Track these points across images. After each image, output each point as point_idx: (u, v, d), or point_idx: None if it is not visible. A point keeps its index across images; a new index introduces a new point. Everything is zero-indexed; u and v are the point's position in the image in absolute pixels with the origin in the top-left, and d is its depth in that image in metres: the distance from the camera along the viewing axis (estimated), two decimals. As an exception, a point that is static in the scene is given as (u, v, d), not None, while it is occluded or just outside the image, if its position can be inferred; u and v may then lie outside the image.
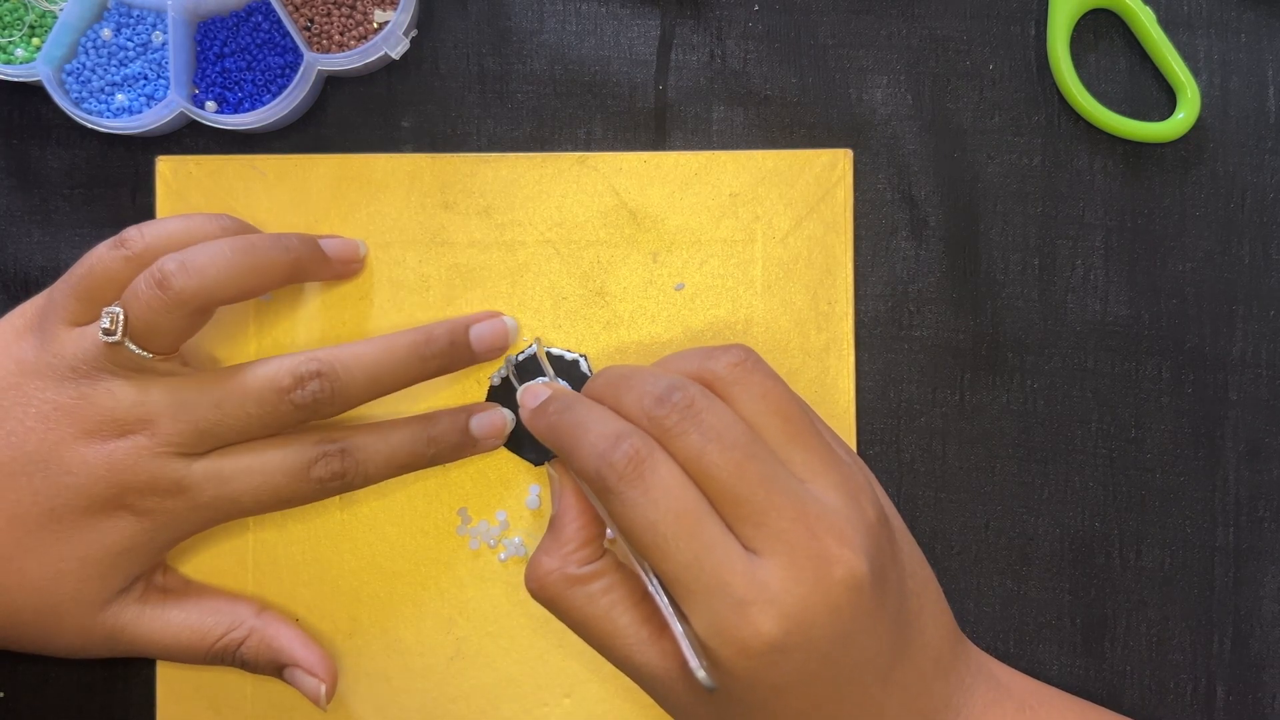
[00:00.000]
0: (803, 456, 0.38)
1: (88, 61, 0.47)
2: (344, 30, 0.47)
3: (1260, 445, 0.48)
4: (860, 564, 0.36)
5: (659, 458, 0.37)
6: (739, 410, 0.38)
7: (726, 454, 0.36)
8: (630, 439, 0.37)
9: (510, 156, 0.48)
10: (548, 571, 0.40)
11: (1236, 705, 0.48)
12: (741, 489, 0.36)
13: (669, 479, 0.36)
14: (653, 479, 0.36)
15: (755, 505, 0.36)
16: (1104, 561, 0.48)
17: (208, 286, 0.41)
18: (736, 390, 0.38)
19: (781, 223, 0.48)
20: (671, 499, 0.36)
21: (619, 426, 0.37)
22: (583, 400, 0.40)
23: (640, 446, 0.37)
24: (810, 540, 0.36)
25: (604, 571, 0.40)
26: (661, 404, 0.37)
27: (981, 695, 0.42)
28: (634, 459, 0.36)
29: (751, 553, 0.36)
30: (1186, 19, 0.49)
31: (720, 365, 0.39)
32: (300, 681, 0.45)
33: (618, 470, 0.36)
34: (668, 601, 0.37)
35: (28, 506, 0.42)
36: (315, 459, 0.43)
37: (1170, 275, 0.48)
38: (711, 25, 0.49)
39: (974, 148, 0.49)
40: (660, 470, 0.36)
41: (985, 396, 0.48)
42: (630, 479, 0.36)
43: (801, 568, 0.36)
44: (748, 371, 0.39)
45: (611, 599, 0.39)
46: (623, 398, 0.38)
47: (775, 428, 0.38)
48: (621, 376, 0.39)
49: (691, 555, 0.36)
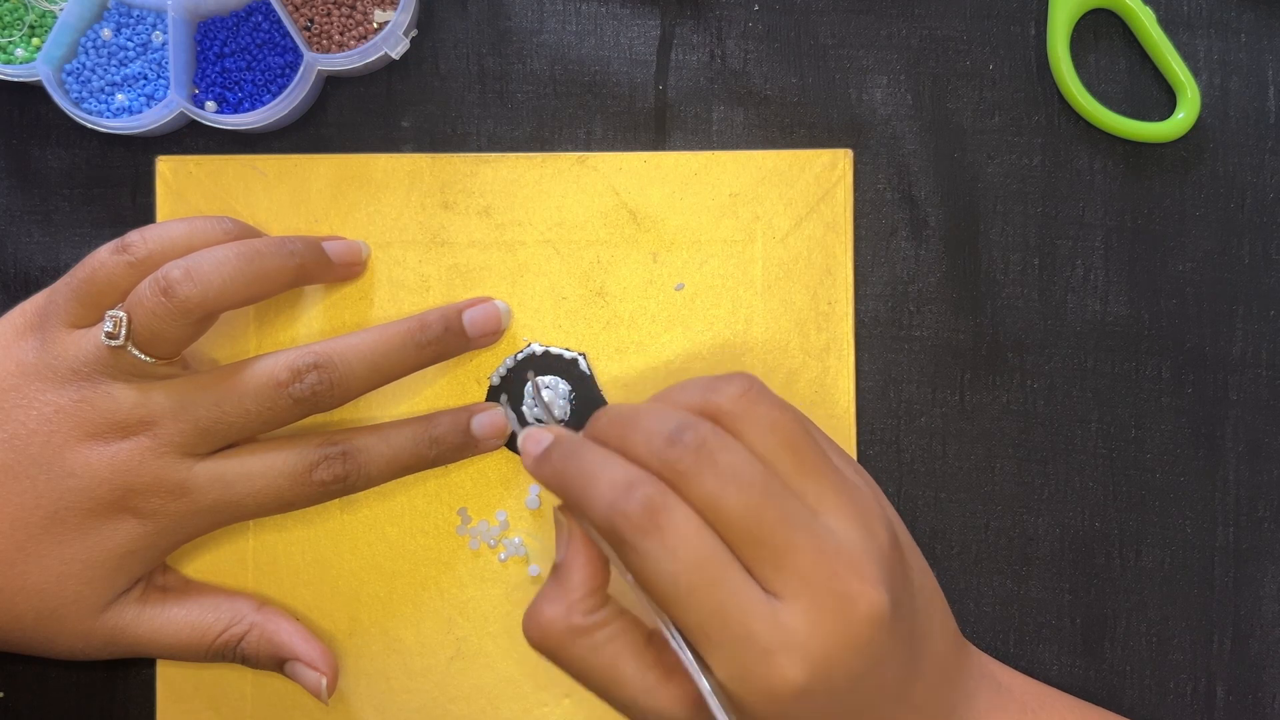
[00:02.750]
0: (815, 488, 0.37)
1: (88, 61, 0.47)
2: (344, 30, 0.47)
3: (1260, 445, 0.48)
4: (881, 598, 0.35)
5: (674, 505, 0.35)
6: (748, 444, 0.37)
7: (743, 496, 0.35)
8: (643, 486, 0.35)
9: (510, 156, 0.48)
10: (551, 620, 0.37)
11: (1236, 705, 0.48)
12: (760, 531, 0.35)
13: (686, 528, 0.35)
14: (670, 528, 0.35)
15: (775, 547, 0.35)
16: (1104, 561, 0.48)
17: (212, 294, 0.41)
18: (744, 424, 0.37)
19: (781, 223, 0.48)
20: (691, 549, 0.35)
21: (629, 473, 0.35)
22: (588, 444, 0.37)
23: (654, 494, 0.35)
24: (831, 579, 0.35)
25: (609, 620, 0.38)
26: (672, 445, 0.35)
27: (984, 700, 0.42)
28: (649, 508, 0.35)
29: (772, 595, 0.35)
30: (1186, 19, 0.49)
31: (726, 398, 0.37)
32: (301, 676, 0.45)
33: (633, 521, 0.35)
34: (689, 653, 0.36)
35: (30, 509, 0.42)
36: (317, 462, 0.43)
37: (1170, 275, 0.48)
38: (711, 25, 0.49)
39: (974, 148, 0.49)
40: (677, 519, 0.35)
41: (985, 396, 0.48)
42: (647, 530, 0.35)
43: (824, 609, 0.35)
44: (754, 403, 0.37)
45: (616, 647, 0.37)
46: (629, 439, 0.37)
47: (786, 460, 0.37)
48: (626, 416, 0.37)
49: (715, 605, 0.34)
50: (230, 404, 0.42)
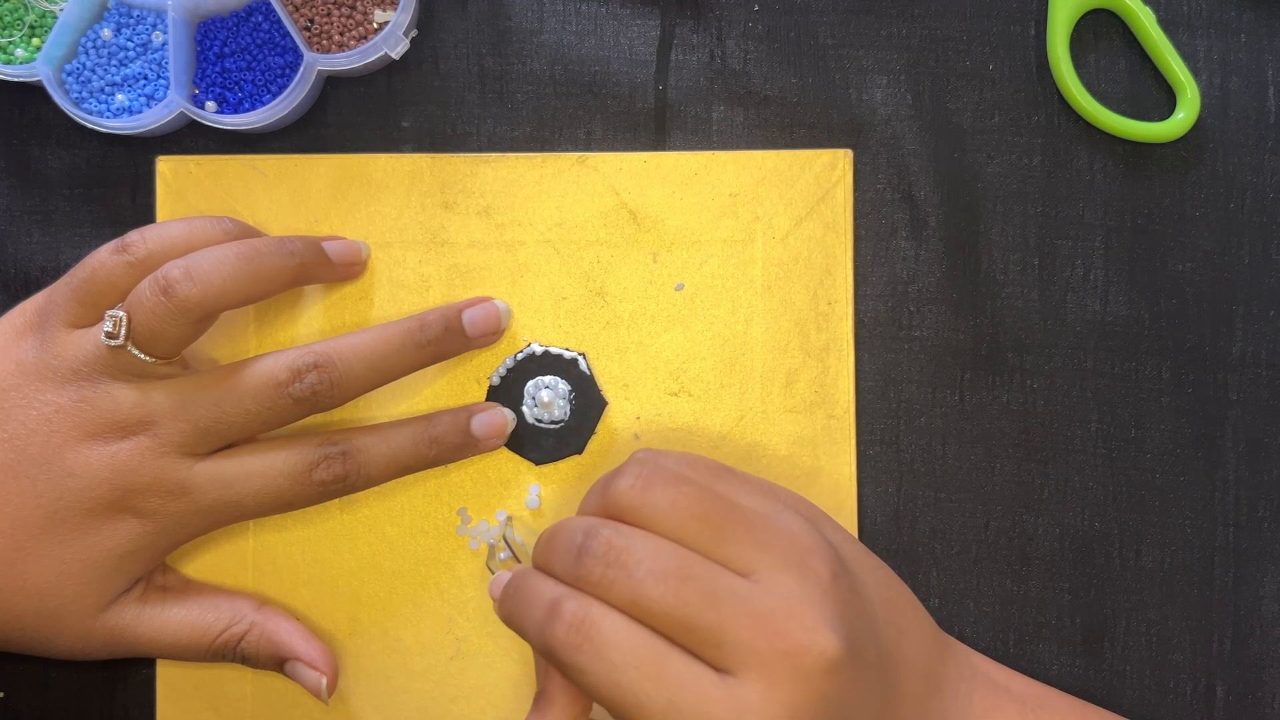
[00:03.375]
0: (736, 550, 0.36)
1: (88, 61, 0.47)
2: (344, 30, 0.47)
3: (1260, 445, 0.48)
4: (831, 641, 0.35)
5: (598, 614, 0.35)
6: (657, 530, 0.36)
7: (660, 587, 0.35)
8: (566, 603, 0.35)
9: (510, 156, 0.48)
10: None
11: (1236, 705, 0.48)
12: (689, 615, 0.34)
13: (615, 633, 0.34)
14: (599, 639, 0.34)
15: (708, 627, 0.34)
16: (1104, 561, 0.48)
17: (212, 294, 0.41)
18: (645, 514, 0.36)
19: (781, 223, 0.48)
20: (624, 652, 0.34)
21: (554, 593, 0.36)
22: (528, 574, 0.38)
23: (576, 609, 0.35)
24: (774, 640, 0.34)
25: None
26: (582, 558, 0.35)
27: (980, 700, 0.42)
28: (574, 624, 0.35)
29: (724, 673, 0.34)
30: (1186, 19, 0.49)
31: (621, 494, 0.37)
32: (301, 675, 0.45)
33: (561, 640, 0.35)
34: None
35: (30, 509, 0.42)
36: (317, 461, 0.43)
37: (1170, 275, 0.48)
38: (711, 25, 0.49)
39: (974, 148, 0.49)
40: (604, 627, 0.35)
41: (985, 396, 0.48)
42: (578, 646, 0.34)
43: (776, 673, 0.34)
44: (647, 488, 0.37)
45: None
46: (550, 560, 0.37)
47: (698, 533, 0.36)
48: (548, 537, 0.37)
49: (665, 700, 0.34)
50: (230, 404, 0.42)
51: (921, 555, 0.48)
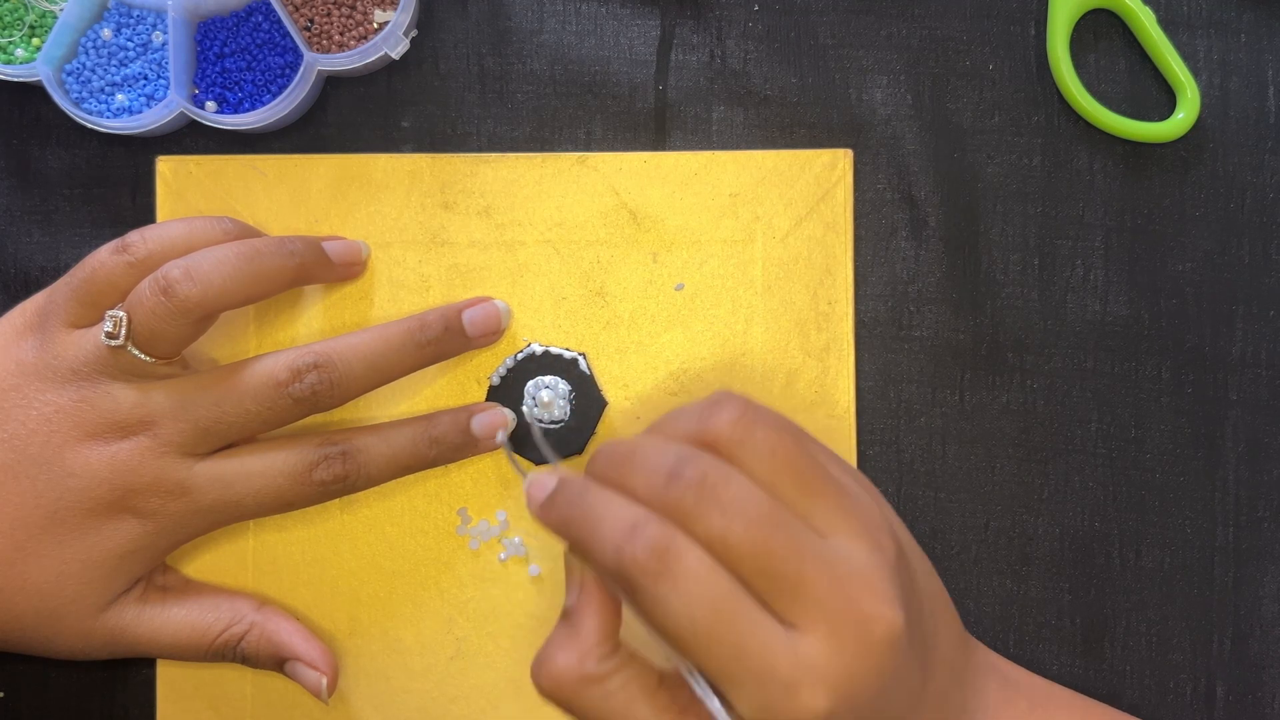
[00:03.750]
0: (821, 509, 0.36)
1: (88, 61, 0.47)
2: (344, 30, 0.47)
3: (1260, 445, 0.48)
4: (897, 617, 0.35)
5: (683, 545, 0.34)
6: (749, 472, 0.35)
7: (751, 530, 0.34)
8: (649, 528, 0.34)
9: (510, 156, 0.48)
10: (564, 669, 0.36)
11: (1236, 705, 0.48)
12: (771, 564, 0.34)
13: (697, 568, 0.34)
14: (680, 570, 0.33)
15: (787, 579, 0.34)
16: (1104, 561, 0.48)
17: (212, 294, 0.41)
18: (743, 452, 0.36)
19: (781, 223, 0.48)
20: (704, 589, 0.34)
21: (635, 515, 0.34)
22: (591, 487, 0.36)
23: (661, 536, 0.34)
24: (847, 605, 0.34)
25: (621, 666, 0.36)
26: (675, 482, 0.34)
27: (993, 695, 0.42)
28: (657, 551, 0.33)
29: (790, 626, 0.34)
30: (1186, 19, 0.49)
31: (722, 425, 0.36)
32: (301, 675, 0.45)
33: (641, 565, 0.33)
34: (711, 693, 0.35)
35: (30, 509, 0.42)
36: (317, 461, 0.43)
37: (1170, 275, 0.48)
38: (711, 25, 0.49)
39: (974, 148, 0.49)
40: (687, 559, 0.34)
41: (985, 396, 0.48)
42: (657, 573, 0.33)
43: (843, 636, 0.34)
44: (751, 428, 0.36)
45: (629, 693, 0.36)
46: (630, 479, 0.35)
47: (789, 485, 0.36)
48: (625, 454, 0.36)
49: (733, 644, 0.34)
50: (230, 404, 0.42)
51: (921, 555, 0.48)
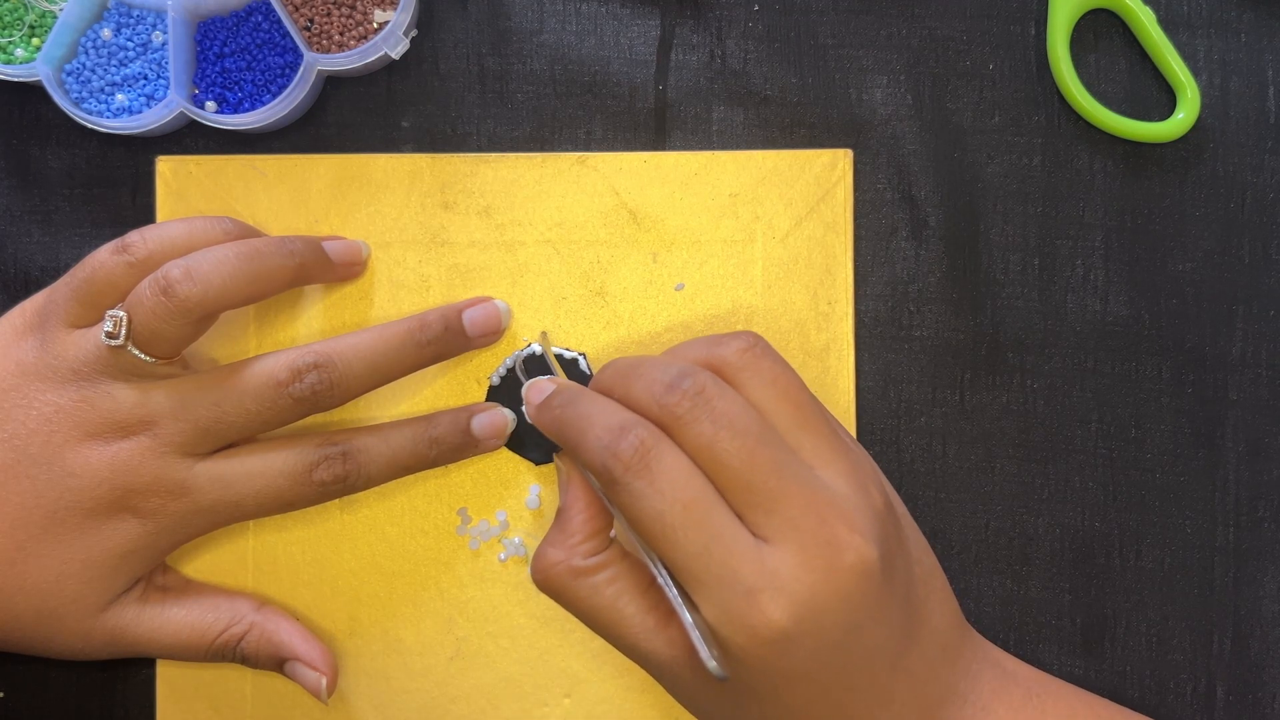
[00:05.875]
0: (812, 443, 0.38)
1: (88, 61, 0.47)
2: (344, 30, 0.47)
3: (1260, 445, 0.48)
4: (870, 550, 0.36)
5: (665, 447, 0.37)
6: (749, 396, 0.38)
7: (738, 441, 0.36)
8: (636, 429, 0.37)
9: (510, 156, 0.48)
10: (554, 563, 0.40)
11: (1236, 705, 0.48)
12: (753, 476, 0.36)
13: (675, 469, 0.36)
14: (659, 469, 0.36)
15: (766, 492, 0.36)
16: (1104, 561, 0.48)
17: (212, 294, 0.41)
18: (746, 376, 0.38)
19: (781, 223, 0.48)
20: (679, 489, 0.36)
21: (624, 417, 0.37)
22: (588, 393, 0.39)
23: (646, 437, 0.37)
24: (820, 527, 0.36)
25: (609, 562, 0.40)
26: (672, 391, 0.37)
27: (988, 682, 0.43)
28: (639, 450, 0.36)
29: (761, 540, 0.36)
30: (1186, 19, 0.49)
31: (730, 351, 0.39)
32: (301, 675, 0.45)
33: (623, 461, 0.36)
34: (676, 591, 0.37)
35: (30, 509, 0.42)
36: (317, 462, 0.43)
37: (1170, 275, 0.48)
38: (711, 25, 0.49)
39: (974, 148, 0.49)
40: (666, 460, 0.36)
41: (985, 396, 0.48)
42: (636, 470, 0.36)
43: (812, 555, 0.36)
44: (757, 357, 0.39)
45: (617, 589, 0.39)
46: (631, 387, 0.38)
47: (785, 413, 0.38)
48: (630, 366, 0.39)
49: (700, 545, 0.36)
50: (230, 404, 0.42)
51: (921, 555, 0.48)
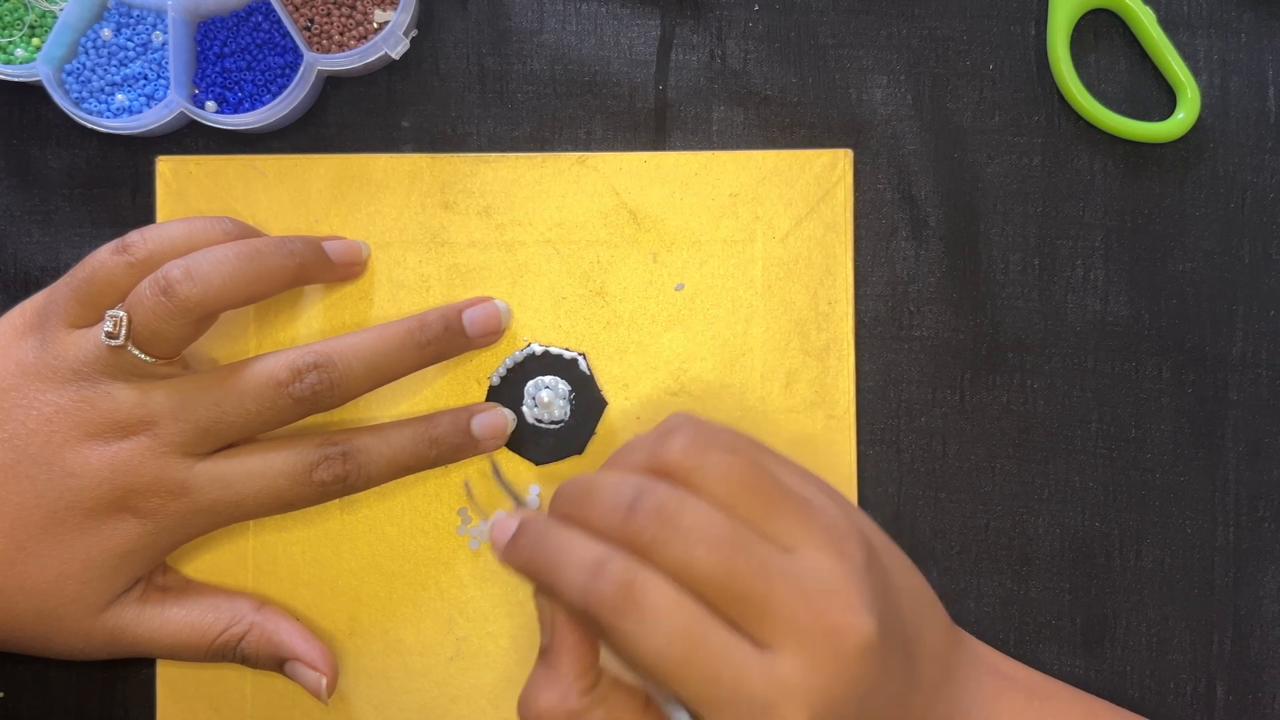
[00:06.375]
0: (783, 525, 0.36)
1: (88, 61, 0.47)
2: (344, 30, 0.47)
3: (1260, 445, 0.48)
4: (867, 623, 0.35)
5: (647, 578, 0.34)
6: (707, 496, 0.35)
7: (714, 554, 0.34)
8: (611, 564, 0.34)
9: (510, 156, 0.48)
10: (549, 708, 0.37)
11: (1236, 705, 0.48)
12: (737, 587, 0.34)
13: (663, 600, 0.34)
14: (646, 604, 0.34)
15: (755, 600, 0.34)
16: (1104, 561, 0.48)
17: (212, 294, 0.41)
18: (698, 477, 0.36)
19: (781, 223, 0.48)
20: (672, 620, 0.34)
21: (596, 552, 0.34)
22: (554, 526, 0.36)
23: (624, 571, 0.34)
24: (817, 619, 0.34)
25: (605, 697, 0.37)
26: (632, 515, 0.34)
27: (988, 687, 0.42)
28: (621, 587, 0.34)
29: (762, 646, 0.34)
30: (1186, 19, 0.49)
31: (674, 453, 0.36)
32: (301, 675, 0.45)
33: (608, 603, 0.34)
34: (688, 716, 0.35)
35: (30, 509, 0.42)
36: (317, 462, 0.43)
37: (1170, 275, 0.48)
38: (711, 25, 0.49)
39: (974, 148, 0.49)
40: (652, 592, 0.34)
41: (985, 396, 0.48)
42: (622, 610, 0.34)
43: (817, 651, 0.34)
44: (703, 452, 0.36)
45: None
46: (590, 515, 0.36)
47: (748, 504, 0.36)
48: (583, 491, 0.36)
49: (707, 671, 0.34)
50: (230, 404, 0.42)
51: (921, 555, 0.48)
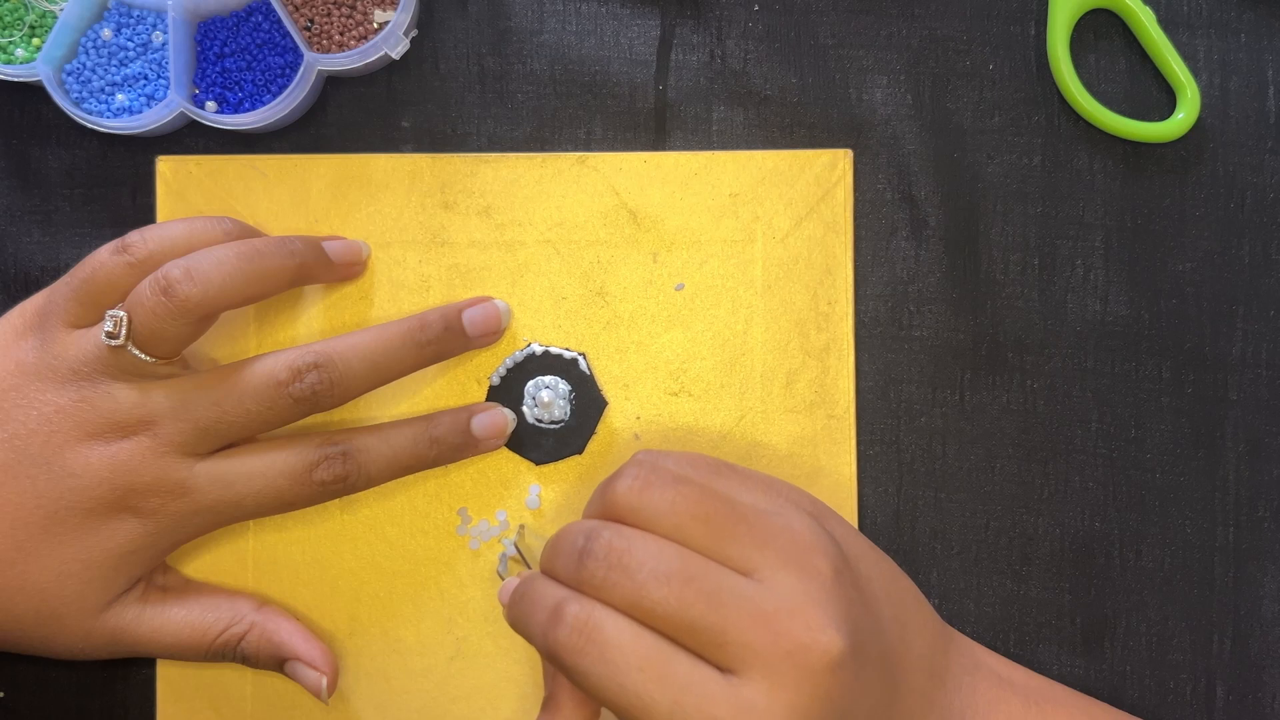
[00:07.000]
0: (738, 548, 0.36)
1: (88, 61, 0.47)
2: (344, 30, 0.47)
3: (1260, 445, 0.48)
4: (834, 639, 0.35)
5: (601, 616, 0.35)
6: (657, 531, 0.36)
7: (664, 588, 0.35)
8: (567, 605, 0.35)
9: (510, 156, 0.48)
10: None
11: (1236, 705, 0.48)
12: (692, 617, 0.34)
13: (619, 635, 0.34)
14: (602, 640, 0.34)
15: (710, 628, 0.34)
16: (1104, 561, 0.48)
17: (212, 294, 0.41)
18: (645, 514, 0.36)
19: (781, 223, 0.48)
20: (629, 654, 0.34)
21: (555, 598, 0.36)
22: (534, 578, 0.38)
23: (578, 612, 0.35)
24: (778, 640, 0.34)
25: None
26: (584, 560, 0.35)
27: (984, 693, 0.42)
28: (576, 627, 0.35)
29: (728, 673, 0.34)
30: (1186, 19, 0.49)
31: (620, 494, 0.37)
32: (301, 675, 0.45)
33: (566, 645, 0.35)
34: None
35: (30, 509, 0.42)
36: (317, 462, 0.43)
37: (1170, 275, 0.48)
38: (711, 25, 0.49)
39: (974, 148, 0.49)
40: (607, 629, 0.35)
41: (985, 396, 0.48)
42: (580, 649, 0.35)
43: (780, 672, 0.34)
44: (646, 489, 0.37)
45: None
46: (554, 566, 0.37)
47: (698, 533, 0.36)
48: (551, 542, 0.38)
49: (670, 702, 0.34)
50: (230, 403, 0.42)
51: (921, 555, 0.48)
